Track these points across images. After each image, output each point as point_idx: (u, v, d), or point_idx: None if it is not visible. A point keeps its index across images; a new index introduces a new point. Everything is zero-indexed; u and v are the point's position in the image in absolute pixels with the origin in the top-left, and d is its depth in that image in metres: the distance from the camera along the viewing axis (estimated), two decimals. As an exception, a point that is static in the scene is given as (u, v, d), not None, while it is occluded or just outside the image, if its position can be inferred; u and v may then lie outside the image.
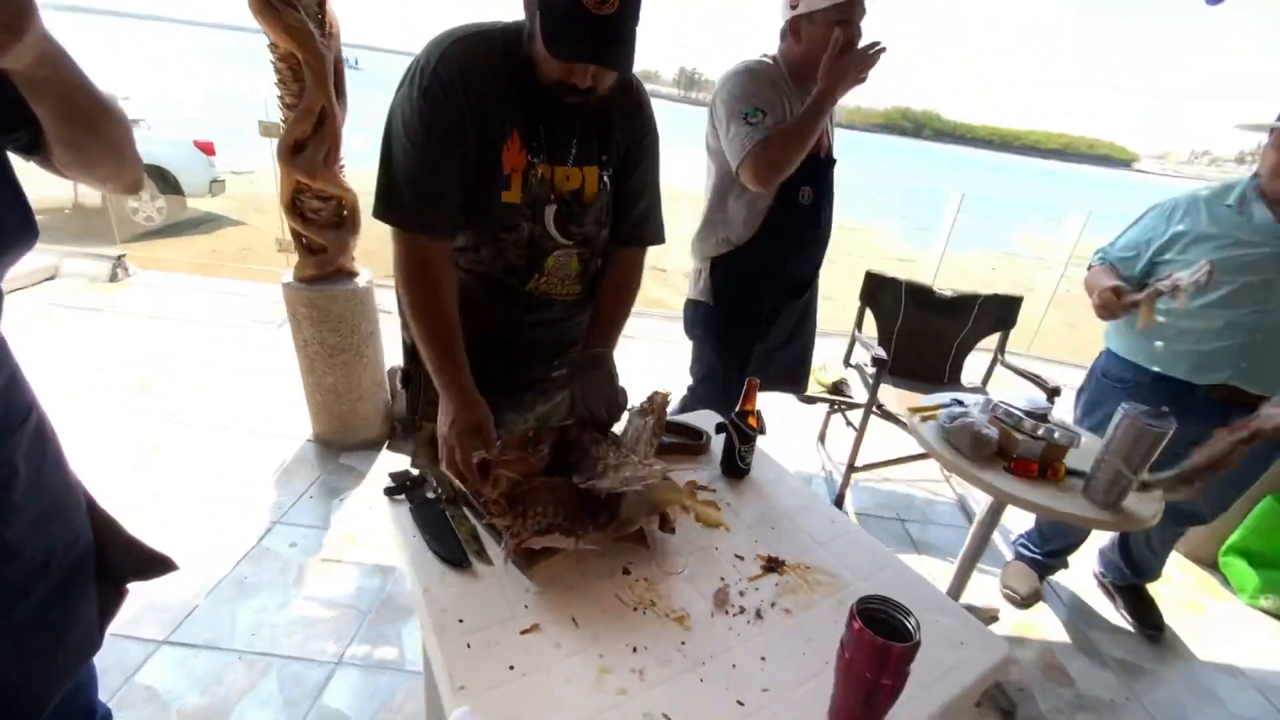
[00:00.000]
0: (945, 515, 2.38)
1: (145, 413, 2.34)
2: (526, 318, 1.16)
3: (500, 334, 1.16)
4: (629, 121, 1.09)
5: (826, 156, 1.68)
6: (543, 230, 1.05)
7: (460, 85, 0.92)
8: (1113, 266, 1.68)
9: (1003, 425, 1.45)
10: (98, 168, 0.72)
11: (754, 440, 1.14)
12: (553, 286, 1.13)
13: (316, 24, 1.71)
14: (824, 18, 1.47)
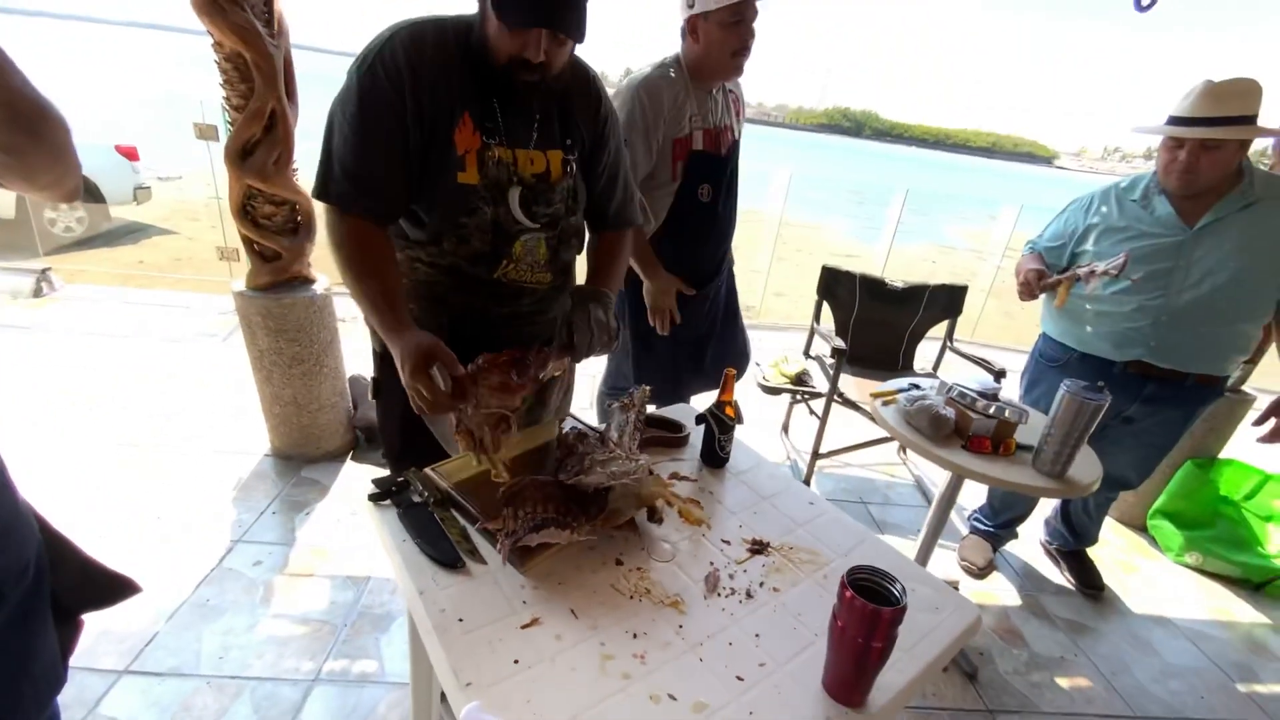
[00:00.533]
0: (904, 496, 2.49)
1: (86, 436, 2.20)
2: (499, 310, 1.13)
3: (472, 330, 1.12)
4: (590, 112, 1.11)
5: (728, 154, 1.71)
6: (507, 213, 1.03)
7: (404, 68, 0.92)
8: (1040, 255, 1.82)
9: (958, 406, 1.54)
10: (38, 175, 0.67)
11: (733, 430, 1.18)
12: (522, 273, 1.10)
13: (264, 22, 1.65)
14: (718, 17, 1.50)
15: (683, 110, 1.60)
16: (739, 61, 1.57)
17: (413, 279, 1.11)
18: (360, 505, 2.01)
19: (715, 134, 1.66)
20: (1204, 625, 2.02)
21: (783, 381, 2.34)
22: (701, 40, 1.55)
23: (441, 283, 1.09)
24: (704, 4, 1.49)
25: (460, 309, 1.11)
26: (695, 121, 1.62)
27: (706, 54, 1.56)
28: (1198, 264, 1.55)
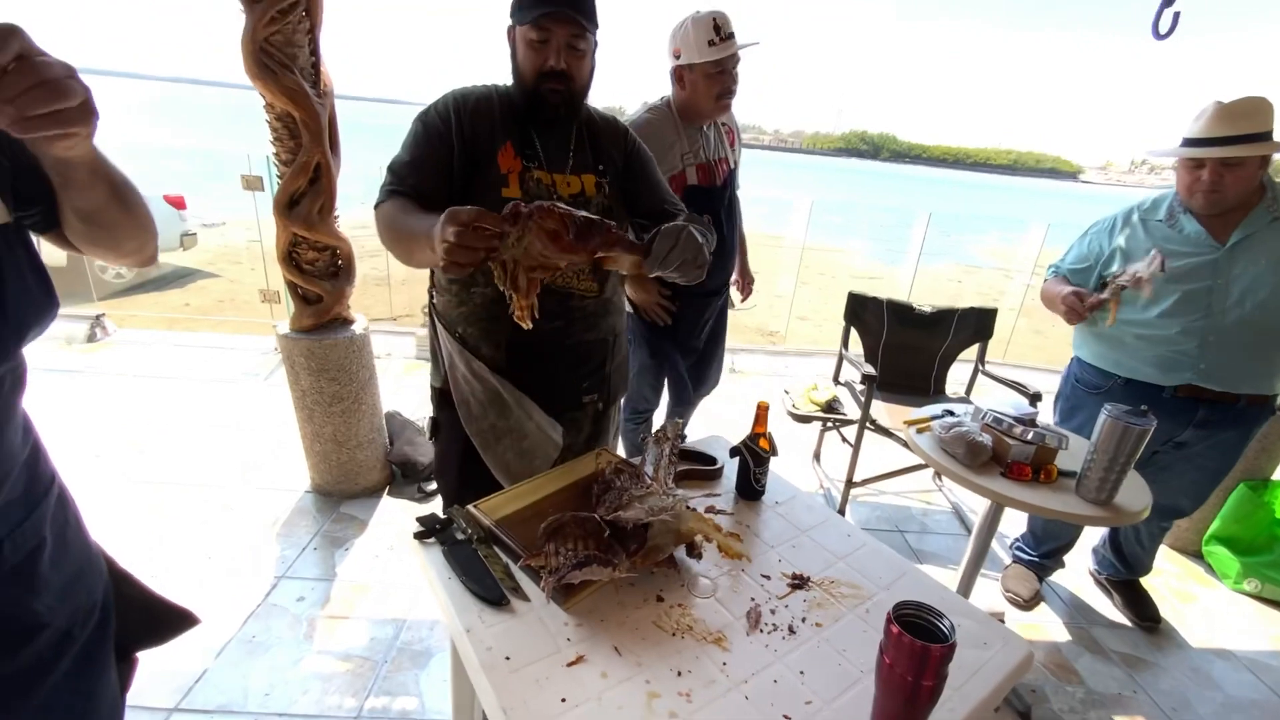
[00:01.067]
0: (941, 524, 2.43)
1: (139, 476, 2.29)
2: (553, 323, 1.18)
3: (529, 348, 1.18)
4: (617, 141, 1.25)
5: (724, 183, 1.86)
6: None
7: (452, 109, 1.11)
8: (1065, 278, 1.81)
9: (995, 432, 1.52)
10: (125, 244, 0.75)
11: (768, 462, 1.18)
12: (569, 279, 1.18)
13: (311, 83, 1.76)
14: (703, 68, 1.68)
15: (673, 149, 1.75)
16: (724, 102, 1.73)
17: (470, 304, 1.19)
18: (397, 540, 2.06)
19: (709, 167, 1.81)
20: (1267, 656, 1.92)
21: (813, 409, 2.33)
22: (688, 87, 1.72)
23: (497, 300, 1.15)
24: (689, 57, 1.68)
25: (515, 326, 1.14)
26: (687, 159, 1.77)
27: (693, 98, 1.73)
28: (1236, 281, 1.53)
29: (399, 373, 3.35)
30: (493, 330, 1.18)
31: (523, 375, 1.21)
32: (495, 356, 1.20)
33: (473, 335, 1.20)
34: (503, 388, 1.20)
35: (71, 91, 0.50)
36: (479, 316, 1.19)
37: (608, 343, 1.29)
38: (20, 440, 0.71)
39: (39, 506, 0.73)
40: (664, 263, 0.94)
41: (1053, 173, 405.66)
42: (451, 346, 1.22)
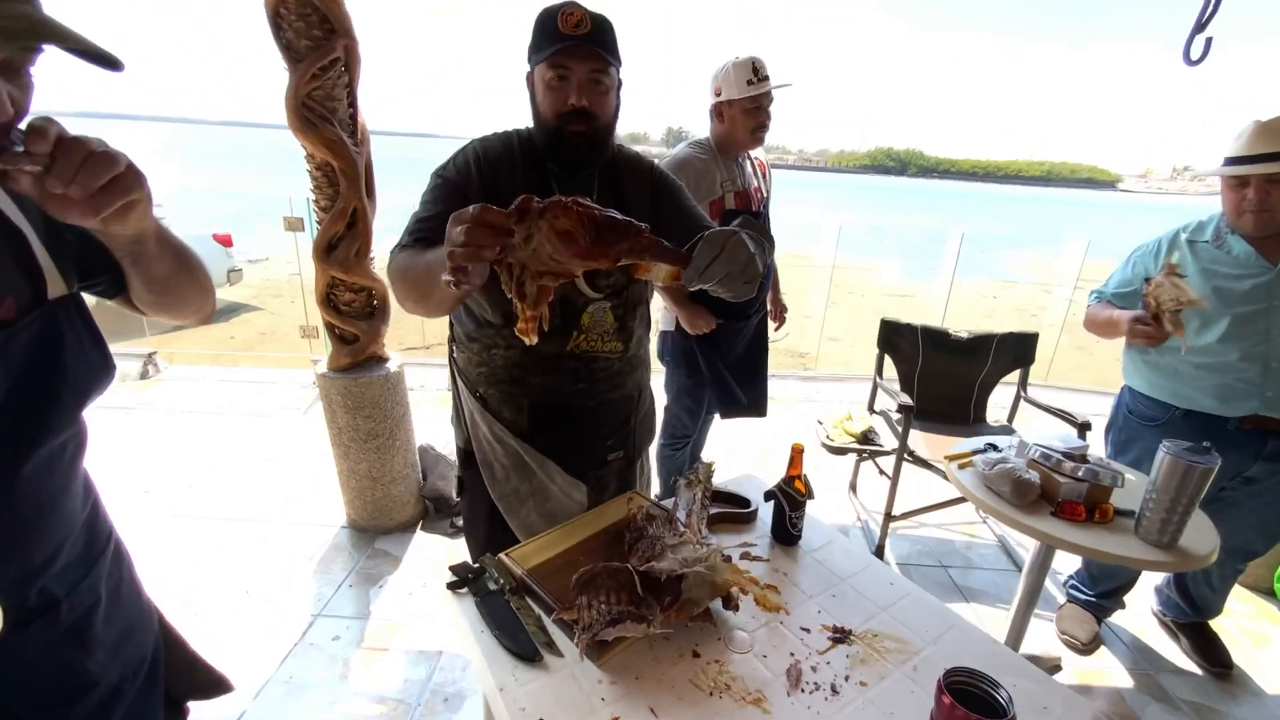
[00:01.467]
0: (987, 558, 2.33)
1: (185, 511, 2.36)
2: (576, 386, 1.16)
3: (552, 412, 1.17)
4: (641, 180, 1.19)
5: (759, 210, 2.02)
6: (572, 285, 1.09)
7: (471, 163, 1.08)
8: (1111, 303, 1.74)
9: (1043, 468, 1.46)
10: (187, 306, 0.79)
11: (804, 506, 1.15)
12: (594, 343, 1.15)
13: (349, 133, 1.83)
14: (741, 104, 1.86)
15: (714, 179, 1.91)
16: (759, 136, 1.92)
17: (490, 365, 1.16)
18: (430, 576, 2.06)
19: (745, 194, 1.97)
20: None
21: (848, 441, 2.28)
22: (727, 121, 1.91)
23: (518, 364, 1.14)
24: (729, 94, 1.87)
25: (538, 390, 1.15)
26: (726, 186, 1.94)
27: (731, 131, 1.91)
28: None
29: (432, 404, 3.40)
30: (514, 393, 1.16)
31: (545, 438, 1.18)
32: (517, 420, 1.17)
33: (494, 397, 1.18)
34: (525, 452, 1.17)
35: (117, 157, 0.52)
36: (500, 378, 1.16)
37: (632, 399, 1.26)
38: (81, 502, 0.74)
39: (96, 565, 0.75)
40: (706, 274, 0.77)
41: (1089, 182, 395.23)
42: (473, 406, 1.20)
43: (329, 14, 1.70)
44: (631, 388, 1.25)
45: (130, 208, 0.54)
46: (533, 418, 1.17)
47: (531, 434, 1.18)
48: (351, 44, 1.77)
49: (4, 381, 0.59)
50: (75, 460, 0.71)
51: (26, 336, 0.61)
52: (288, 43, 1.71)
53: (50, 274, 0.65)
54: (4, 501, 0.61)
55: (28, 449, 0.62)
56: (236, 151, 49.59)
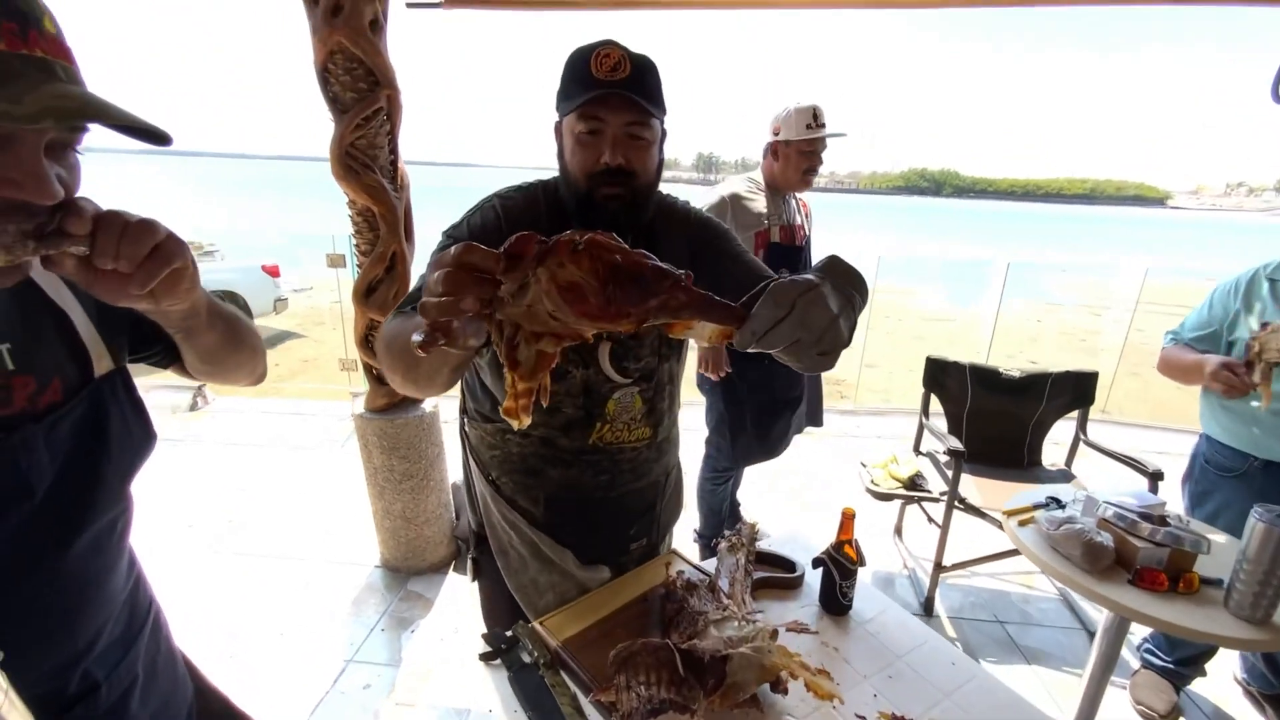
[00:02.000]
0: (1049, 614, 2.17)
1: (225, 548, 2.40)
2: (597, 479, 1.04)
3: (570, 505, 1.06)
4: (680, 232, 1.04)
5: (802, 245, 2.10)
6: (597, 373, 0.97)
7: (492, 228, 0.92)
8: (1189, 346, 1.63)
9: (1116, 530, 1.35)
10: (239, 371, 0.79)
11: (855, 574, 1.08)
12: (619, 433, 1.03)
13: (389, 179, 1.87)
14: (798, 145, 1.98)
15: (761, 211, 2.03)
16: (809, 178, 2.03)
17: (504, 451, 1.05)
18: (461, 622, 2.03)
19: (790, 230, 2.08)
20: None
21: (894, 486, 2.18)
22: (781, 159, 2.02)
23: (535, 454, 1.03)
24: (787, 135, 1.99)
25: (556, 483, 1.04)
26: (772, 219, 2.03)
27: (784, 170, 2.02)
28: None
29: (466, 437, 3.41)
30: (530, 485, 1.05)
31: (562, 529, 1.07)
32: (532, 511, 1.06)
33: (507, 485, 1.07)
34: (542, 543, 1.07)
35: (156, 225, 0.50)
36: (515, 468, 1.05)
37: (659, 484, 1.14)
38: (124, 580, 0.72)
39: (136, 642, 0.74)
40: (767, 339, 0.58)
41: (1137, 200, 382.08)
42: (485, 489, 1.10)
43: (374, 67, 1.74)
44: (659, 473, 1.13)
45: (178, 277, 0.53)
46: (549, 510, 1.06)
47: (546, 525, 1.07)
48: (394, 94, 1.82)
49: (51, 466, 0.59)
50: (122, 537, 0.70)
51: (73, 419, 0.60)
52: (334, 95, 1.76)
53: (96, 350, 0.65)
54: (49, 588, 0.60)
55: (74, 533, 0.61)
56: (282, 184, 52.24)
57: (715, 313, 0.58)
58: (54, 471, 0.58)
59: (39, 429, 0.57)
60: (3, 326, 0.57)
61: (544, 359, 0.58)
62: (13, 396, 0.56)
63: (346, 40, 1.68)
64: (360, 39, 1.69)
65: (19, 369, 0.57)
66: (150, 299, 0.52)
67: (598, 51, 0.85)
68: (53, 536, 0.60)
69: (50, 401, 0.59)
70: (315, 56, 1.73)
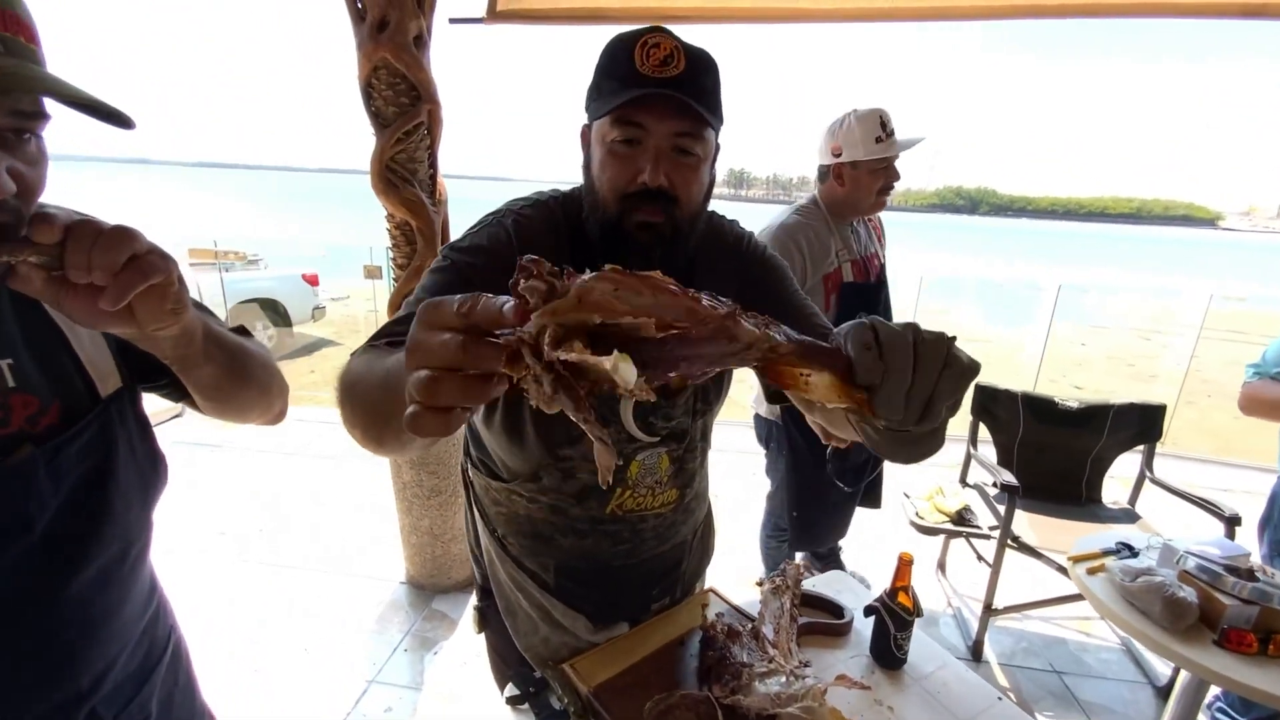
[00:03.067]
0: (1110, 665, 2.01)
1: (254, 557, 2.40)
2: (615, 549, 0.91)
3: (580, 564, 0.93)
4: (724, 256, 0.86)
5: (876, 280, 1.79)
6: (618, 431, 0.82)
7: (503, 252, 0.74)
8: (1277, 381, 1.50)
9: (1199, 584, 1.23)
10: (249, 410, 0.73)
11: (911, 625, 0.99)
12: (641, 499, 0.89)
13: (428, 193, 1.86)
14: (868, 165, 1.64)
15: (827, 247, 1.69)
16: (883, 199, 1.69)
17: (509, 510, 0.92)
18: (484, 646, 1.98)
19: (863, 263, 1.75)
20: None
21: (941, 520, 2.06)
22: (848, 184, 1.68)
23: (546, 522, 0.90)
24: (852, 154, 1.64)
25: (568, 552, 0.91)
26: (842, 255, 1.71)
27: (853, 195, 1.68)
28: None
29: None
30: (539, 550, 0.92)
31: (575, 595, 0.94)
32: (542, 576, 0.94)
33: (514, 546, 0.94)
34: (554, 608, 0.94)
35: (135, 234, 0.44)
36: (522, 530, 0.92)
37: (686, 543, 1.02)
38: (141, 607, 0.69)
39: (152, 676, 0.70)
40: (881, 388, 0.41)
41: (1185, 220, 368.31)
42: (490, 543, 0.96)
43: (416, 82, 1.74)
44: (686, 533, 1.00)
45: (160, 295, 0.46)
46: (560, 576, 0.93)
47: (559, 590, 0.94)
48: (435, 108, 1.81)
49: (54, 497, 0.55)
50: (136, 568, 0.67)
51: (78, 445, 0.57)
52: (376, 110, 1.77)
53: (100, 369, 0.60)
54: (47, 625, 0.57)
55: (76, 568, 0.58)
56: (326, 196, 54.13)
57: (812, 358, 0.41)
58: (57, 503, 0.55)
59: (39, 456, 0.53)
60: (3, 341, 0.54)
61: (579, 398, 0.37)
62: (11, 416, 0.53)
63: (391, 56, 1.68)
64: (404, 54, 1.69)
65: (19, 387, 0.54)
66: (130, 321, 0.46)
67: (644, 39, 0.68)
68: (53, 571, 0.56)
69: (49, 424, 0.56)
70: (359, 71, 1.74)
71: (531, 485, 0.87)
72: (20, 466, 0.52)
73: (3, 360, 0.53)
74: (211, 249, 6.11)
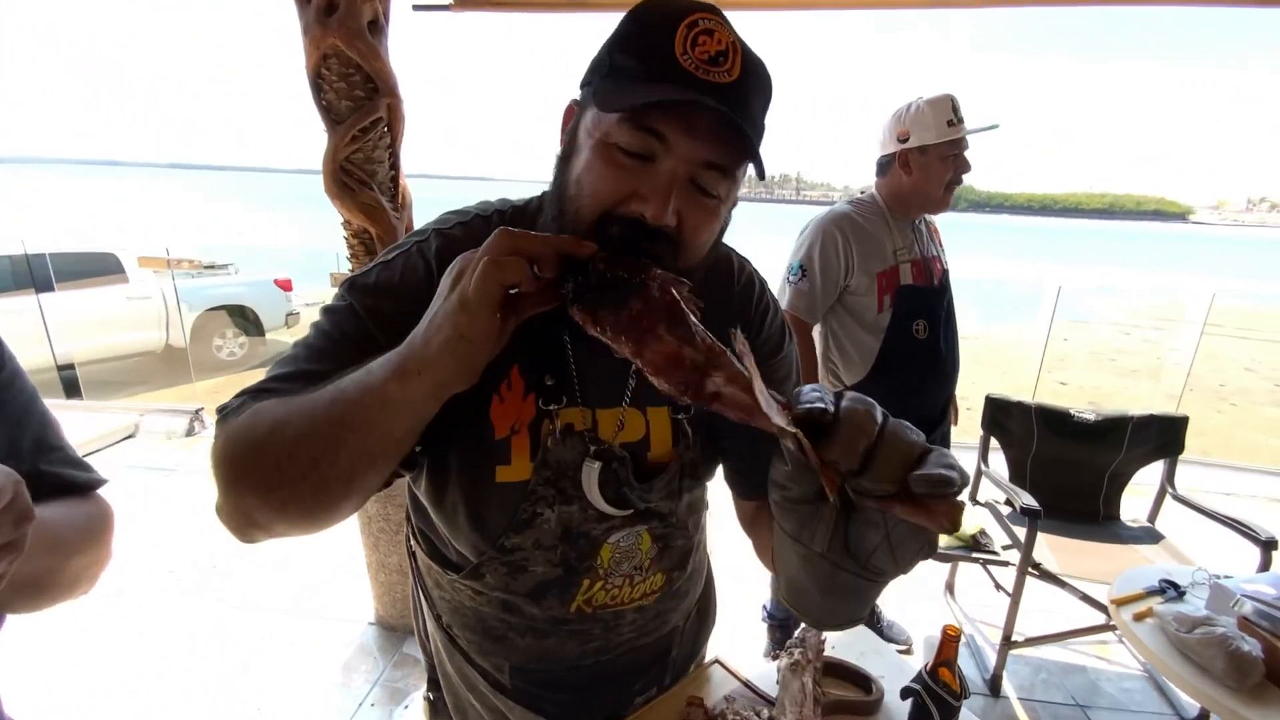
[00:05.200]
0: (1135, 697, 1.88)
1: (206, 596, 2.18)
2: (579, 649, 0.72)
3: (542, 668, 0.73)
4: (723, 300, 0.68)
5: (940, 284, 1.65)
6: (582, 510, 0.64)
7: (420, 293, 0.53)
8: None
9: (1260, 632, 1.09)
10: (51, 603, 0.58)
11: (958, 711, 0.84)
12: (616, 592, 0.69)
13: (389, 197, 1.68)
14: (939, 150, 1.52)
15: (882, 242, 1.57)
16: (949, 195, 1.57)
17: (454, 600, 0.72)
18: (462, 696, 1.79)
19: (924, 265, 1.62)
20: None
21: (955, 544, 1.92)
22: (917, 171, 1.54)
23: (497, 619, 0.70)
24: (923, 139, 1.51)
25: (525, 654, 0.72)
26: (901, 254, 1.59)
27: (920, 186, 1.55)
28: None
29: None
30: (491, 650, 0.72)
31: (539, 700, 0.74)
32: (495, 676, 0.74)
33: (462, 640, 0.74)
34: (509, 710, 0.74)
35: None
36: (470, 627, 0.72)
37: (676, 630, 0.82)
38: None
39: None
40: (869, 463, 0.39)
41: (1157, 215, 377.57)
42: (436, 632, 0.78)
43: (372, 72, 1.56)
44: (677, 619, 0.81)
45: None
46: (516, 679, 0.73)
47: (516, 693, 0.74)
48: (395, 102, 1.63)
49: None
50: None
51: None
52: (328, 104, 1.58)
53: None
54: None
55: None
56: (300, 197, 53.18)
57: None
58: None
59: None
60: None
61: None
62: None
63: (341, 42, 1.49)
64: (357, 41, 1.50)
65: None
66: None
67: (693, 17, 0.48)
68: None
69: None
70: (307, 60, 1.55)
71: (473, 581, 0.67)
72: None
73: None
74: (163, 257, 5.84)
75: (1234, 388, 7.29)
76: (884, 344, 1.58)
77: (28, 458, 0.56)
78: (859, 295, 1.57)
